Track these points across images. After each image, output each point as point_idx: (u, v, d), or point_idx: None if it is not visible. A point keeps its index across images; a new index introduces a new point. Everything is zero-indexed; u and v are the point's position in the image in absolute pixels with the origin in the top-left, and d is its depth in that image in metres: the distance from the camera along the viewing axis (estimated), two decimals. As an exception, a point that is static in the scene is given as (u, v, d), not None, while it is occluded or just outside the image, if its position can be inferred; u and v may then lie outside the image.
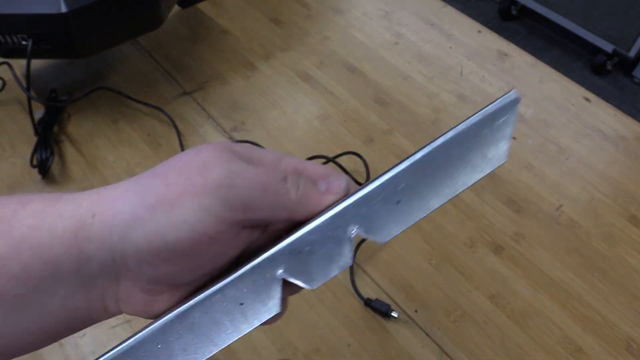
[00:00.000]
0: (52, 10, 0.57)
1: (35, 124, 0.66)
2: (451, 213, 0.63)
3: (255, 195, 0.23)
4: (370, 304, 0.54)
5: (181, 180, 0.22)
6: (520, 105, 0.28)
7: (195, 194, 0.22)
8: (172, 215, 0.22)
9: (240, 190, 0.23)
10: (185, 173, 0.23)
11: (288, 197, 0.24)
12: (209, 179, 0.22)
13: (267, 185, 0.23)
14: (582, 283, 0.58)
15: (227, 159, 0.23)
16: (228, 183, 0.22)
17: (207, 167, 0.22)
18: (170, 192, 0.22)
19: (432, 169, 0.24)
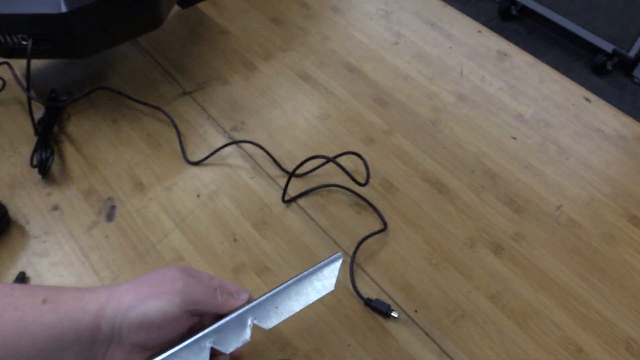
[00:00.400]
0: (52, 10, 0.57)
1: (35, 124, 0.66)
2: (451, 213, 0.63)
3: (200, 297, 0.40)
4: (370, 304, 0.54)
5: (160, 286, 0.40)
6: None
7: (167, 294, 0.39)
8: (154, 304, 0.38)
9: (192, 294, 0.40)
10: (162, 282, 0.40)
11: (217, 300, 0.42)
12: (175, 287, 0.40)
13: (206, 293, 0.41)
14: (582, 283, 0.58)
15: (184, 276, 0.41)
16: (186, 290, 0.40)
17: (174, 279, 0.40)
18: (153, 292, 0.39)
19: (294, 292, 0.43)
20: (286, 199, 0.63)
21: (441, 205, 0.64)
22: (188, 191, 0.64)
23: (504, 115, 0.74)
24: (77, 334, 0.37)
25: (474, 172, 0.67)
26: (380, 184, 0.65)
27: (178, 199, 0.63)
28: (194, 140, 0.69)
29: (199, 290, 0.41)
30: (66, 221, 0.60)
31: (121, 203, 0.62)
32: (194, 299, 0.40)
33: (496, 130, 0.72)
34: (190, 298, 0.39)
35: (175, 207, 0.62)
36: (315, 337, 0.53)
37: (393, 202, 0.64)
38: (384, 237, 0.61)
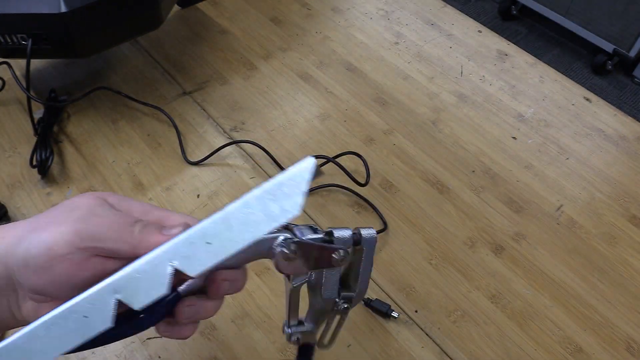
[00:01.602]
0: (52, 10, 0.57)
1: (35, 124, 0.66)
2: (451, 213, 0.63)
3: (102, 230, 0.30)
4: (370, 304, 0.54)
5: (54, 215, 0.31)
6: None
7: (58, 224, 0.30)
8: (38, 236, 0.29)
9: (91, 226, 0.30)
10: (60, 210, 0.31)
11: (129, 236, 0.30)
12: (72, 215, 0.30)
13: (115, 225, 0.30)
14: (582, 283, 0.58)
15: (94, 204, 0.31)
16: (84, 219, 0.30)
17: (75, 208, 0.31)
18: (43, 222, 0.30)
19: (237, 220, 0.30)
20: (286, 199, 0.63)
21: (441, 205, 0.64)
22: (188, 191, 0.64)
23: (504, 115, 0.74)
24: None
25: (474, 172, 0.67)
26: (380, 184, 0.65)
27: (178, 199, 0.63)
28: (194, 140, 0.69)
29: (104, 222, 0.30)
30: (66, 221, 0.60)
31: (121, 203, 0.62)
32: (93, 233, 0.29)
33: (496, 130, 0.72)
34: (86, 231, 0.29)
35: (175, 207, 0.62)
36: (315, 337, 0.53)
37: (393, 202, 0.64)
38: (384, 237, 0.61)
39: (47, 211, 0.32)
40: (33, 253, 0.29)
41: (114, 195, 0.33)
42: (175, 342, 0.52)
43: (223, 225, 0.29)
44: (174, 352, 0.51)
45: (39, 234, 0.29)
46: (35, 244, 0.29)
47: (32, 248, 0.29)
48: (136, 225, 0.31)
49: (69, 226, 0.29)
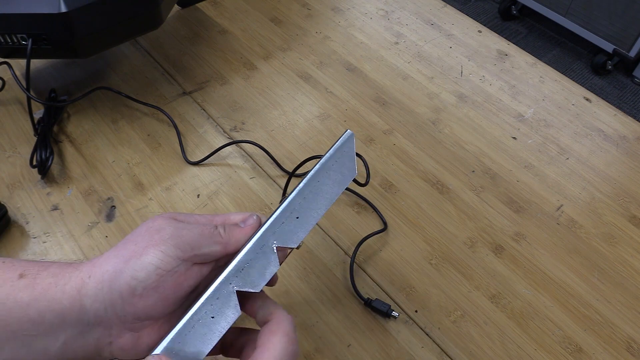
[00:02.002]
0: (52, 10, 0.57)
1: (35, 124, 0.66)
2: (451, 213, 0.63)
3: (196, 239, 0.33)
4: (370, 304, 0.54)
5: (145, 239, 0.32)
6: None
7: (155, 245, 0.32)
8: (141, 261, 0.31)
9: (186, 238, 0.33)
10: (147, 234, 0.33)
11: (219, 237, 0.34)
12: (163, 234, 0.33)
13: (204, 232, 0.34)
14: (582, 283, 0.58)
15: (174, 223, 0.34)
16: (177, 234, 0.33)
17: (161, 228, 0.33)
18: (139, 247, 0.32)
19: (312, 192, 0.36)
20: (286, 199, 0.63)
21: (441, 205, 0.64)
22: (188, 191, 0.64)
23: (504, 115, 0.74)
24: (60, 316, 0.30)
25: (474, 172, 0.67)
26: (380, 184, 0.65)
27: (178, 199, 0.63)
28: (193, 140, 0.69)
29: (194, 232, 0.33)
30: (66, 221, 0.60)
31: (121, 203, 0.62)
32: (190, 243, 0.33)
33: (496, 130, 0.72)
34: (184, 243, 0.33)
35: (175, 207, 0.62)
36: (315, 337, 0.53)
37: (393, 202, 0.64)
38: (384, 237, 0.61)
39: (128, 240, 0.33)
40: (141, 277, 0.31)
41: (177, 214, 0.36)
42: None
43: (301, 200, 0.35)
44: (174, 352, 0.51)
45: (142, 258, 0.31)
46: (142, 268, 0.31)
47: (138, 273, 0.31)
48: (219, 228, 0.35)
49: (167, 243, 0.32)
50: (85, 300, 0.31)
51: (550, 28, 2.25)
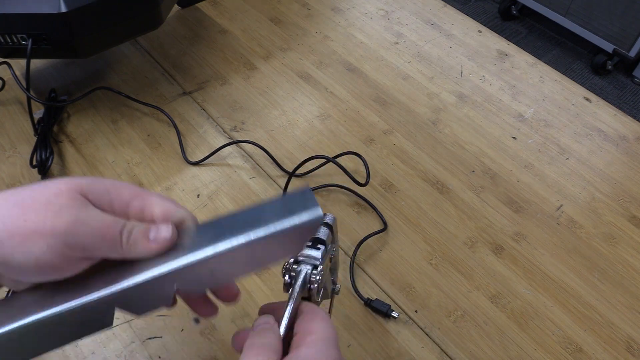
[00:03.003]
0: (52, 10, 0.57)
1: (35, 124, 0.66)
2: (451, 213, 0.63)
3: (93, 241, 0.30)
4: (370, 304, 0.54)
5: (36, 220, 0.29)
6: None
7: (43, 235, 0.28)
8: (23, 246, 0.28)
9: (81, 238, 0.29)
10: (42, 214, 0.29)
11: (119, 247, 0.30)
12: (57, 224, 0.29)
13: (104, 235, 0.30)
14: (582, 283, 0.58)
15: (78, 205, 0.30)
16: (72, 230, 0.29)
17: (60, 211, 0.29)
18: (26, 227, 0.29)
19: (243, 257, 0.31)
20: (286, 199, 0.63)
21: (441, 205, 0.64)
22: (188, 191, 0.64)
23: (504, 115, 0.74)
24: None
25: (474, 172, 0.67)
26: (380, 184, 0.65)
27: (178, 199, 0.63)
28: (193, 140, 0.69)
29: (93, 232, 0.29)
30: (66, 221, 0.60)
31: (121, 203, 0.62)
32: (83, 245, 0.29)
33: (496, 130, 0.72)
34: (77, 243, 0.29)
35: (175, 207, 0.62)
36: (315, 337, 0.53)
37: (393, 202, 0.64)
38: (384, 237, 0.61)
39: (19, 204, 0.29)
40: (21, 261, 0.29)
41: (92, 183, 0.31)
42: (175, 342, 0.52)
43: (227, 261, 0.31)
44: (174, 352, 0.51)
45: (24, 244, 0.28)
46: (21, 254, 0.28)
47: (17, 256, 0.28)
48: (124, 233, 0.31)
49: (57, 238, 0.29)
50: None
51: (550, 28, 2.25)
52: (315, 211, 0.30)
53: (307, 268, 0.35)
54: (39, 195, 0.30)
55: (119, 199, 0.32)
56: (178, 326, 0.53)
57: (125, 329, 0.52)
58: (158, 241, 0.31)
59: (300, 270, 0.35)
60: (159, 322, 0.53)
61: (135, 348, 0.51)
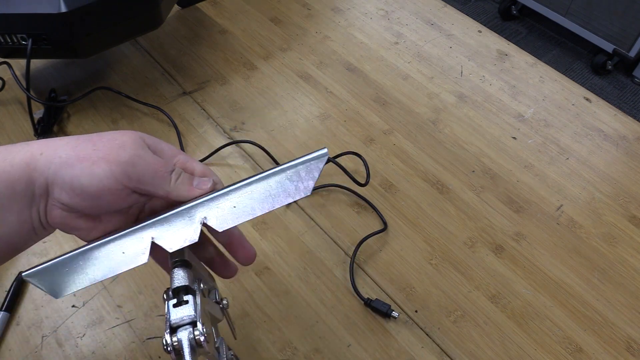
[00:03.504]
0: (51, 10, 0.57)
1: (35, 124, 0.66)
2: (451, 213, 0.63)
3: (147, 175, 0.34)
4: (370, 304, 0.54)
5: (104, 149, 0.33)
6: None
7: (109, 162, 0.33)
8: (90, 169, 0.32)
9: (138, 170, 0.34)
10: (108, 145, 0.33)
11: (167, 184, 0.35)
12: (121, 155, 0.33)
13: (157, 171, 0.34)
14: (582, 283, 0.58)
15: (138, 146, 0.34)
16: (132, 162, 0.33)
17: (123, 146, 0.34)
18: (94, 154, 0.33)
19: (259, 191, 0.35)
20: (286, 199, 0.63)
21: (441, 205, 0.64)
22: (188, 191, 0.64)
23: (504, 115, 0.74)
24: (10, 188, 0.33)
25: (474, 172, 0.67)
26: (380, 184, 0.65)
27: (178, 199, 0.63)
28: (194, 140, 0.69)
29: (149, 168, 0.34)
30: (66, 221, 0.60)
31: (121, 203, 0.62)
32: (139, 176, 0.34)
33: (496, 130, 0.72)
34: (135, 174, 0.33)
35: (175, 207, 0.62)
36: (315, 337, 0.53)
37: (393, 202, 0.64)
38: (384, 237, 0.61)
39: (91, 139, 0.34)
40: (84, 183, 0.32)
41: (149, 137, 0.36)
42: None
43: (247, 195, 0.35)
44: (174, 352, 0.51)
45: (91, 167, 0.32)
46: (87, 176, 0.32)
47: (83, 178, 0.32)
48: (173, 174, 0.35)
49: (119, 166, 0.33)
50: (34, 173, 0.33)
51: (550, 28, 2.25)
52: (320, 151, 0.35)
53: (186, 332, 0.31)
54: (106, 135, 0.35)
55: (168, 151, 0.37)
56: (178, 326, 0.53)
57: (125, 329, 0.52)
58: (200, 187, 0.36)
59: (181, 339, 0.31)
60: (159, 322, 0.53)
61: (135, 348, 0.51)
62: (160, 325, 0.53)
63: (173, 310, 0.32)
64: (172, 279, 0.34)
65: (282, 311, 0.54)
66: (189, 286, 0.34)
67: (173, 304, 0.33)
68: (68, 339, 0.52)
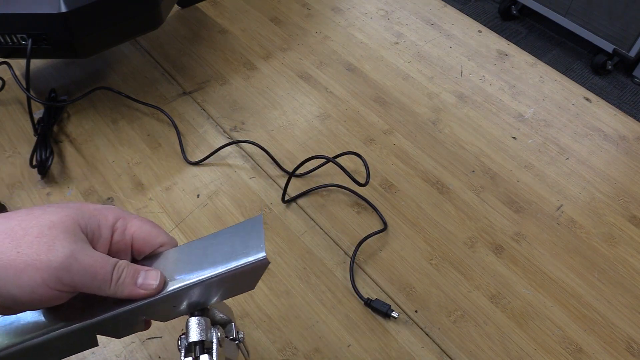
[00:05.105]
0: (51, 10, 0.57)
1: (35, 124, 0.66)
2: (451, 213, 0.63)
3: (85, 279, 0.31)
4: (370, 304, 0.54)
5: (30, 253, 0.29)
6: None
7: (38, 269, 0.29)
8: (19, 279, 0.29)
9: (73, 274, 0.30)
10: (35, 246, 0.29)
11: (108, 286, 0.32)
12: (52, 259, 0.29)
13: (96, 275, 0.31)
14: (582, 283, 0.58)
15: (71, 239, 0.30)
16: (66, 266, 0.30)
17: (54, 245, 0.30)
18: (20, 261, 0.29)
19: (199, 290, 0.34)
20: (286, 199, 0.63)
21: (441, 205, 0.64)
22: (188, 191, 0.64)
23: (504, 115, 0.74)
24: None
25: (474, 172, 0.67)
26: (380, 184, 0.65)
27: (178, 199, 0.63)
28: (193, 140, 0.69)
29: (86, 272, 0.31)
30: (66, 221, 0.60)
31: (121, 203, 0.62)
32: (74, 282, 0.30)
33: (496, 130, 0.72)
34: (69, 280, 0.30)
35: (175, 207, 0.62)
36: (315, 337, 0.53)
37: (393, 202, 0.64)
38: (384, 237, 0.61)
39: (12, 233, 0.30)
40: (13, 293, 0.29)
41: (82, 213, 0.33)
42: (175, 342, 0.52)
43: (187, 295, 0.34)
44: (174, 352, 0.51)
45: (19, 277, 0.29)
46: (16, 287, 0.29)
47: (11, 288, 0.29)
48: (114, 273, 0.32)
49: (51, 274, 0.29)
50: None
51: (550, 28, 2.25)
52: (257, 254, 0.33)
53: None
54: (29, 226, 0.30)
55: (105, 223, 0.34)
56: (178, 326, 0.53)
57: (125, 329, 0.52)
58: (144, 287, 0.33)
59: None
60: (158, 322, 0.53)
61: (135, 348, 0.51)
62: (159, 325, 0.53)
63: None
64: (188, 330, 0.34)
65: (282, 311, 0.54)
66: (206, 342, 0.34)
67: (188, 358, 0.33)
68: (68, 339, 0.52)
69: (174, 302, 0.34)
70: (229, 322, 0.39)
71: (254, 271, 0.34)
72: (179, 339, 0.35)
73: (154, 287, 0.33)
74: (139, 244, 0.35)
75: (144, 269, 0.34)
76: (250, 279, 0.35)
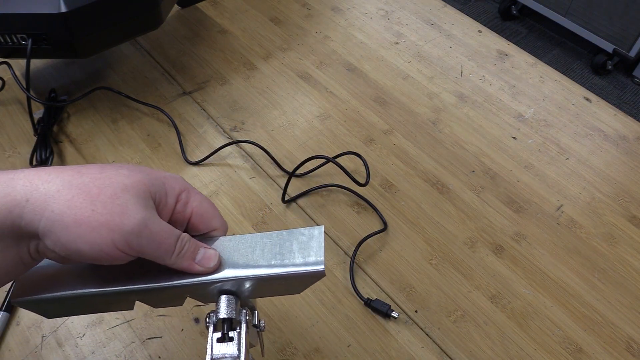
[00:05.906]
0: (51, 10, 0.57)
1: (35, 124, 0.66)
2: (451, 213, 0.63)
3: (150, 247, 0.32)
4: (370, 304, 0.54)
5: (104, 213, 0.30)
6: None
7: (110, 230, 0.30)
8: (89, 236, 0.30)
9: (142, 240, 0.31)
10: (109, 207, 0.30)
11: (170, 256, 0.33)
12: (125, 223, 0.30)
13: (161, 244, 0.32)
14: (582, 283, 0.58)
15: (144, 206, 0.31)
16: (137, 232, 0.31)
17: (127, 209, 0.31)
18: (94, 219, 0.30)
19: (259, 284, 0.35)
20: (286, 199, 0.63)
21: (441, 205, 0.64)
22: (188, 191, 0.63)
23: (504, 115, 0.74)
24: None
25: (474, 172, 0.67)
26: (380, 184, 0.65)
27: (178, 199, 0.63)
28: (193, 140, 0.69)
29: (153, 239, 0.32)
30: (66, 221, 0.60)
31: (121, 203, 0.62)
32: (142, 247, 0.31)
33: (496, 130, 0.72)
34: (137, 245, 0.31)
35: (175, 207, 0.62)
36: (315, 337, 0.53)
37: (393, 202, 0.64)
38: (384, 237, 0.61)
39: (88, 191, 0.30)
40: (82, 248, 0.30)
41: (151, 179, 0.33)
42: (175, 342, 0.52)
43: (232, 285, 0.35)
44: (174, 352, 0.51)
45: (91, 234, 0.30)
46: (85, 243, 0.30)
47: (80, 244, 0.30)
48: (177, 246, 0.33)
49: (122, 236, 0.30)
50: (19, 221, 0.30)
51: (550, 28, 2.25)
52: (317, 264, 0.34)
53: None
54: (104, 185, 0.31)
55: (172, 192, 0.34)
56: (178, 326, 0.53)
57: (125, 329, 0.52)
58: (202, 264, 0.34)
59: None
60: (159, 322, 0.53)
61: (135, 348, 0.51)
62: (159, 325, 0.53)
63: (216, 344, 0.33)
64: (218, 307, 0.34)
65: (282, 311, 0.54)
66: (235, 322, 0.34)
67: (217, 337, 0.33)
68: (68, 339, 0.52)
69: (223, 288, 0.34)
70: (253, 309, 0.40)
71: (308, 279, 0.34)
72: (207, 316, 0.35)
73: (211, 265, 0.34)
74: (196, 219, 0.36)
75: (204, 247, 0.35)
76: (300, 285, 0.35)
